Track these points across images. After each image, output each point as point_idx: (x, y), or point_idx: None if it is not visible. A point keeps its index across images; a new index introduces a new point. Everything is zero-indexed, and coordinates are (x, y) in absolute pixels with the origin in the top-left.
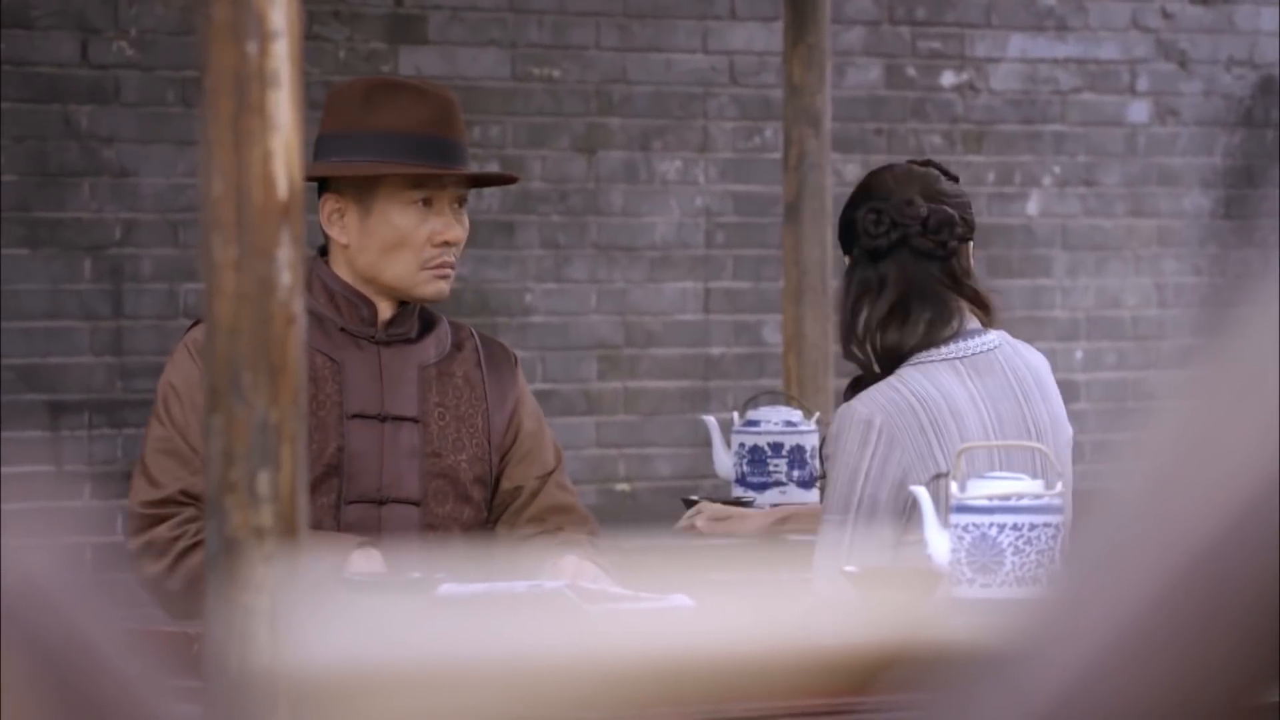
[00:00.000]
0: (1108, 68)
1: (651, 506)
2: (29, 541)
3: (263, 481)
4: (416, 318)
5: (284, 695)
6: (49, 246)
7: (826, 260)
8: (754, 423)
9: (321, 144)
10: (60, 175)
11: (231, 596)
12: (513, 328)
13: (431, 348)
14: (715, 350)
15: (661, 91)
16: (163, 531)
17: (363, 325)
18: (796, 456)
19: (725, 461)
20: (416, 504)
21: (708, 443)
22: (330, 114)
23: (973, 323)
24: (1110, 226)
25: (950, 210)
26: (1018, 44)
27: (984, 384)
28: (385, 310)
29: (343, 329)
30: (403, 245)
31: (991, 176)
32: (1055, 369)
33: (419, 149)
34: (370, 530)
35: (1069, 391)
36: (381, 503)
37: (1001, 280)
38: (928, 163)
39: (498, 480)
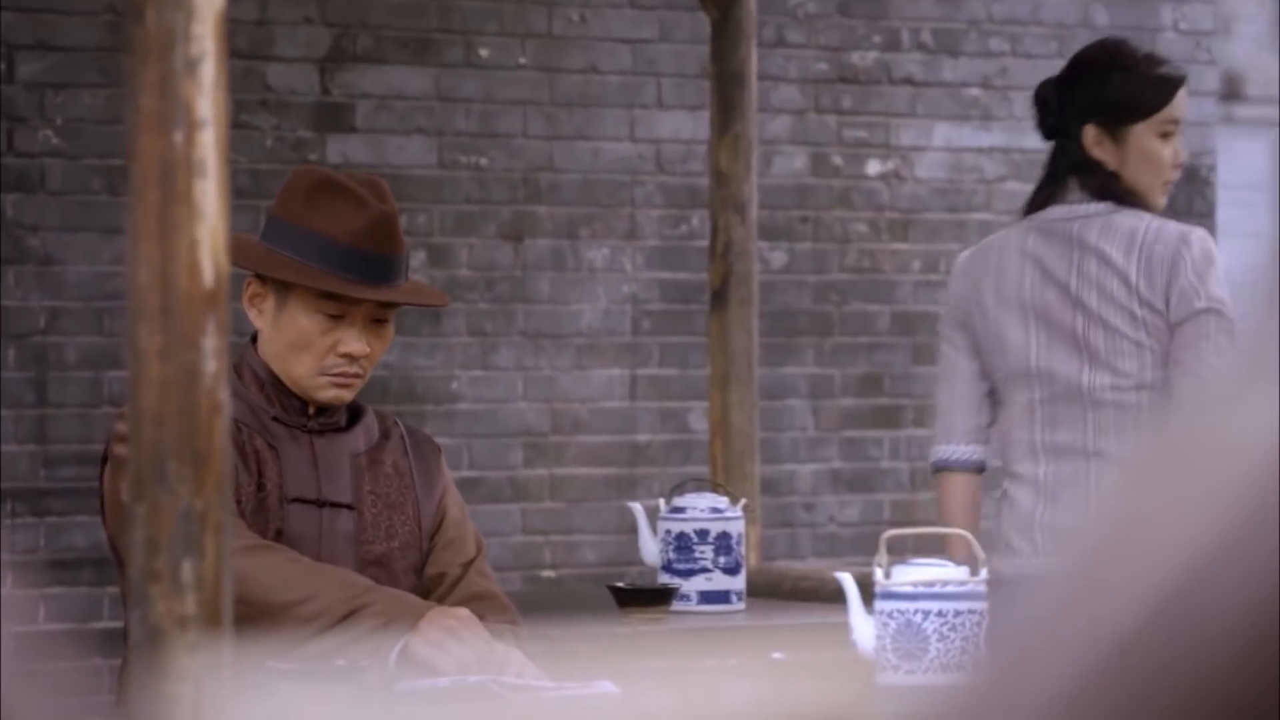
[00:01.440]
0: (1032, 157)
1: (577, 593)
2: None
3: (187, 570)
4: (344, 408)
5: None
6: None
7: (753, 347)
8: (680, 509)
9: (266, 224)
10: None
11: (155, 686)
12: (439, 415)
13: (361, 437)
14: (641, 437)
15: (589, 179)
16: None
17: (293, 414)
18: (722, 543)
19: (651, 548)
20: None
21: (634, 529)
22: (280, 197)
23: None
24: None
25: None
26: (943, 133)
27: (1045, 247)
28: (313, 403)
29: (275, 419)
30: (305, 348)
31: (917, 265)
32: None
33: (345, 261)
34: None
35: (993, 479)
36: None
37: (926, 367)
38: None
39: (424, 566)
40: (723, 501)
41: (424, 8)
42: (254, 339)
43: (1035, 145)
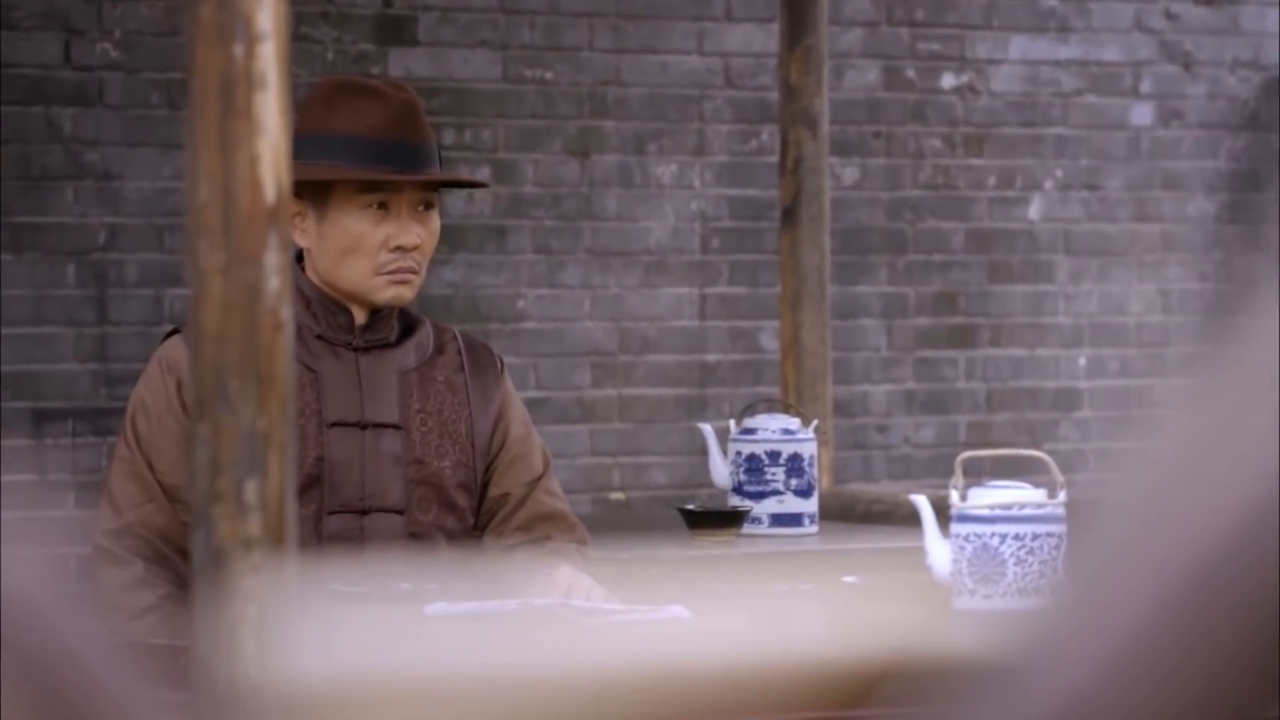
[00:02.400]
0: (1110, 70)
1: (647, 516)
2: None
3: (250, 490)
4: (395, 321)
5: (273, 708)
6: (32, 251)
7: (824, 265)
8: (751, 431)
9: (293, 142)
10: (43, 179)
11: (219, 607)
12: (505, 334)
13: (412, 352)
14: (711, 357)
15: (656, 94)
16: (111, 581)
17: (339, 332)
18: (794, 465)
19: (722, 470)
20: (400, 512)
21: (704, 451)
22: (299, 115)
23: None
24: (1113, 231)
25: None
26: (1019, 45)
27: None
28: (361, 315)
29: (319, 336)
30: (356, 250)
31: (992, 180)
32: (1058, 376)
33: (375, 153)
34: (353, 541)
35: (1072, 400)
36: (364, 512)
37: (1003, 286)
38: None
39: (484, 487)
40: (794, 423)
41: None
42: (298, 257)
43: (1114, 57)
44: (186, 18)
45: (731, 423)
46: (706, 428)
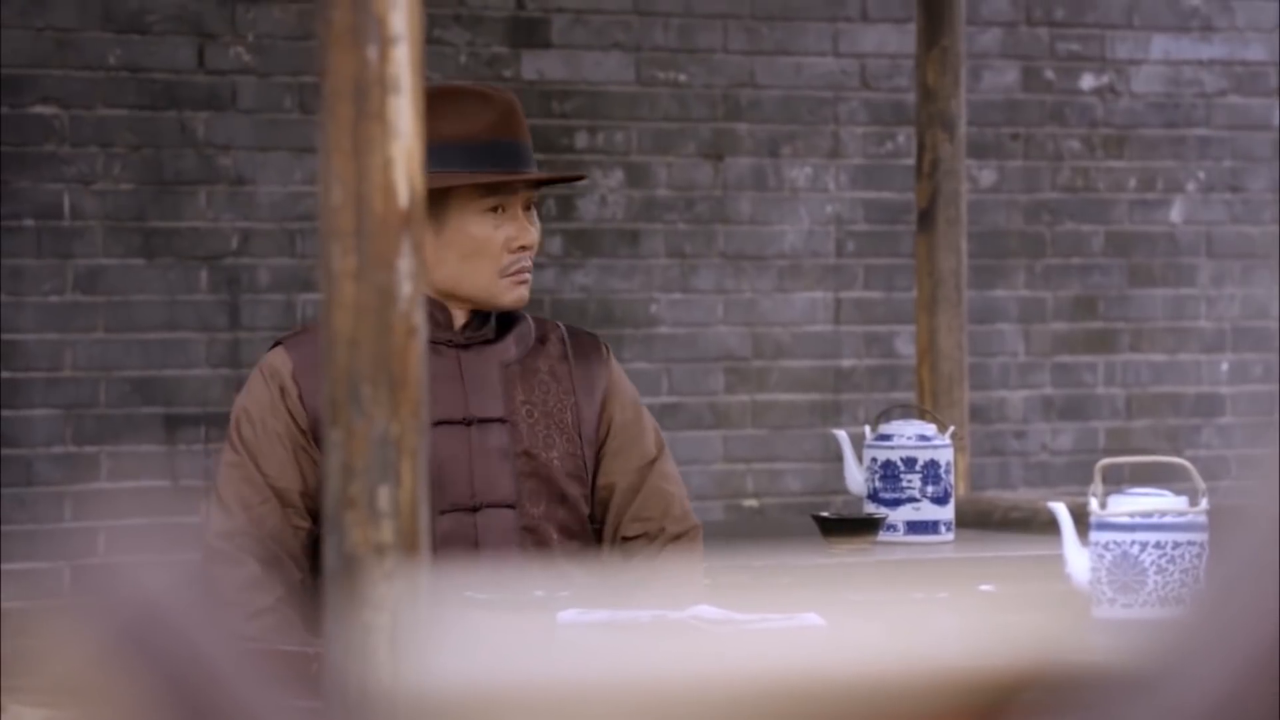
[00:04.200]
0: (1255, 69)
1: (781, 523)
2: (147, 558)
3: (383, 497)
4: (494, 318)
5: (405, 715)
6: (165, 256)
7: (961, 269)
8: (886, 437)
9: None
10: (176, 184)
11: (351, 614)
12: (638, 339)
13: (513, 345)
14: (846, 362)
15: (791, 96)
16: (227, 580)
17: (440, 330)
18: (930, 472)
19: (857, 477)
20: (511, 506)
21: (839, 458)
22: None
23: None
24: (1257, 234)
25: None
26: (1160, 45)
27: None
28: (461, 316)
29: None
30: (480, 254)
31: (1133, 182)
32: (1199, 381)
33: (485, 156)
34: (466, 539)
35: (1214, 405)
36: (475, 509)
37: (1143, 290)
38: None
39: (594, 476)
40: (930, 429)
41: None
42: None
43: (1259, 57)
44: (319, 21)
45: (867, 428)
46: (841, 434)
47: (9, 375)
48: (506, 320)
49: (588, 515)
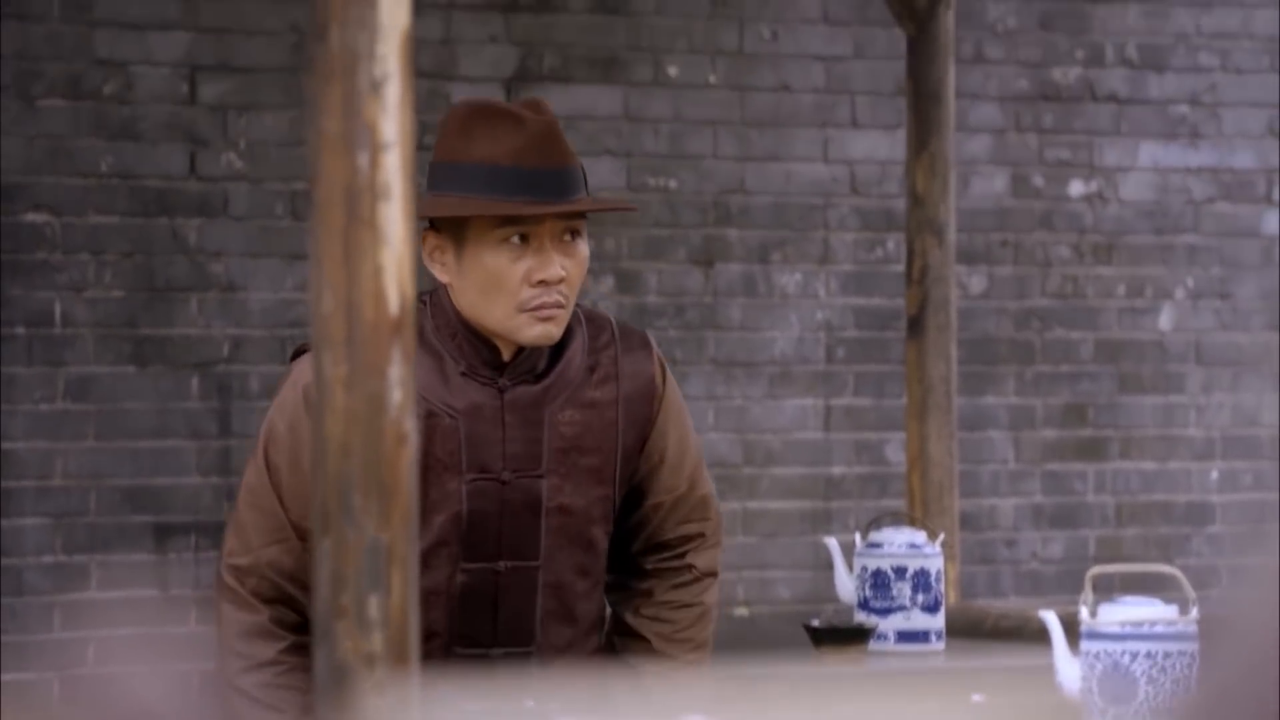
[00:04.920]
0: (1243, 177)
1: (772, 631)
2: (138, 669)
3: (373, 606)
4: (546, 349)
5: None
6: (156, 363)
7: (951, 376)
8: (877, 545)
9: (430, 172)
10: (168, 290)
11: None
12: None
13: (560, 381)
14: (836, 470)
15: (781, 202)
16: (233, 624)
17: (484, 369)
18: (920, 580)
19: (847, 585)
20: (536, 565)
21: (829, 565)
22: (438, 141)
23: None
24: (1246, 341)
25: None
26: (1149, 152)
27: None
28: (508, 351)
29: (463, 373)
30: (497, 288)
31: (1122, 289)
32: (1189, 490)
33: (513, 183)
34: (486, 596)
35: (1204, 514)
36: (499, 571)
37: (1133, 397)
38: None
39: (639, 494)
40: (921, 537)
41: (611, 25)
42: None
43: (1246, 164)
44: (311, 128)
45: (857, 536)
46: (832, 542)
47: None
48: (556, 349)
49: (606, 548)
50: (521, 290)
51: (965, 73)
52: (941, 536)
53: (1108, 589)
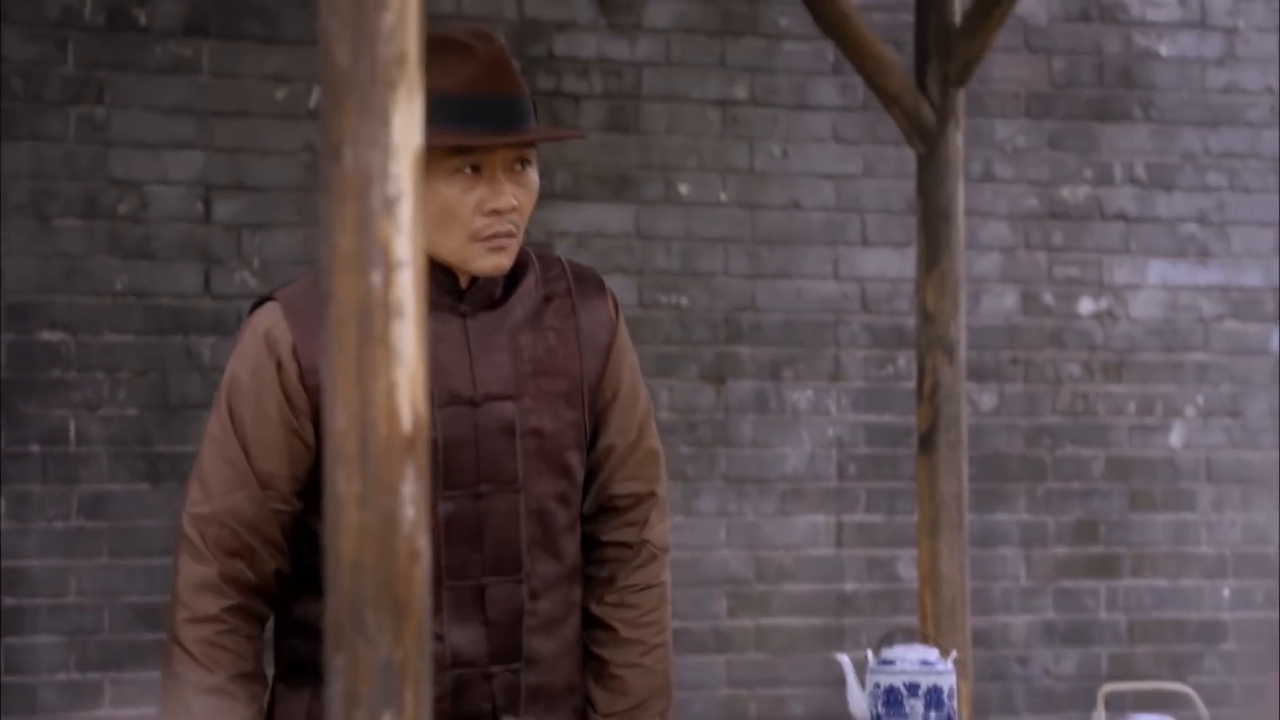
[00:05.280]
0: (1252, 295)
1: None
2: None
3: None
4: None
5: None
6: (170, 481)
7: (963, 493)
8: (889, 662)
9: None
10: (182, 407)
11: None
12: None
13: (519, 306)
14: (848, 586)
15: (792, 319)
16: (187, 574)
17: (445, 296)
18: (933, 697)
19: (860, 702)
20: (517, 490)
21: (842, 682)
22: None
23: None
24: (1257, 459)
25: None
26: (1158, 270)
27: None
28: (465, 278)
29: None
30: (450, 218)
31: (1132, 407)
32: (1201, 607)
33: (463, 113)
34: (470, 523)
35: (1216, 631)
36: (480, 495)
37: (1144, 515)
38: None
39: (593, 436)
40: (933, 653)
41: (623, 144)
42: None
43: (1255, 282)
44: (323, 246)
45: (869, 653)
46: (844, 658)
47: (12, 602)
48: (514, 273)
49: (581, 480)
50: (474, 219)
51: (975, 191)
52: (954, 653)
53: (1120, 707)
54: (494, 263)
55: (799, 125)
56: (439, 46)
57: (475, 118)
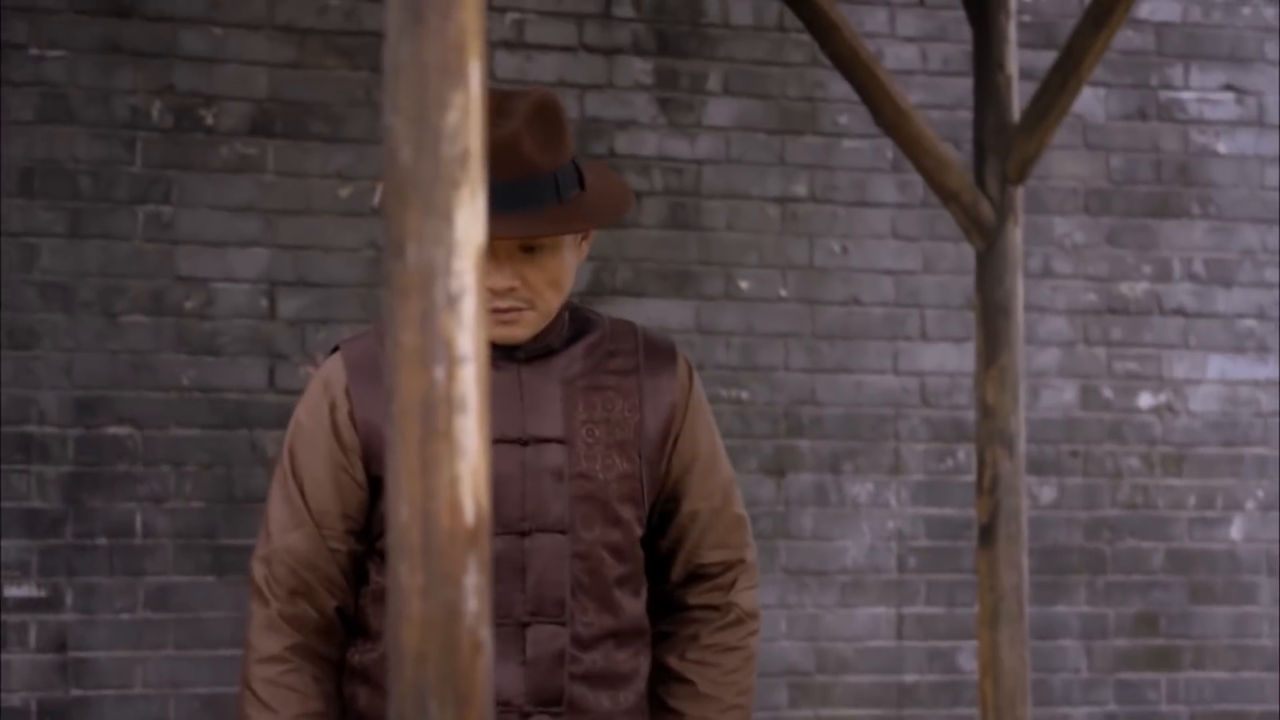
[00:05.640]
0: None
1: None
2: None
3: None
4: (565, 327)
5: None
6: (234, 573)
7: (1022, 585)
8: None
9: None
10: (246, 501)
11: None
12: None
13: (580, 358)
14: (909, 677)
15: (852, 412)
16: (253, 617)
17: (500, 347)
18: None
19: None
20: (563, 532)
21: None
22: None
23: None
24: None
25: None
26: (1217, 365)
27: None
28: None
29: None
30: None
31: (1192, 500)
32: (1262, 700)
33: None
34: (514, 564)
35: None
36: (525, 534)
37: (1205, 607)
38: None
39: (666, 499)
40: None
41: (683, 240)
42: None
43: None
44: (388, 342)
45: None
46: None
47: (79, 693)
48: (579, 328)
49: (639, 538)
50: (488, 293)
51: (1034, 286)
52: None
53: None
54: (501, 334)
55: (859, 221)
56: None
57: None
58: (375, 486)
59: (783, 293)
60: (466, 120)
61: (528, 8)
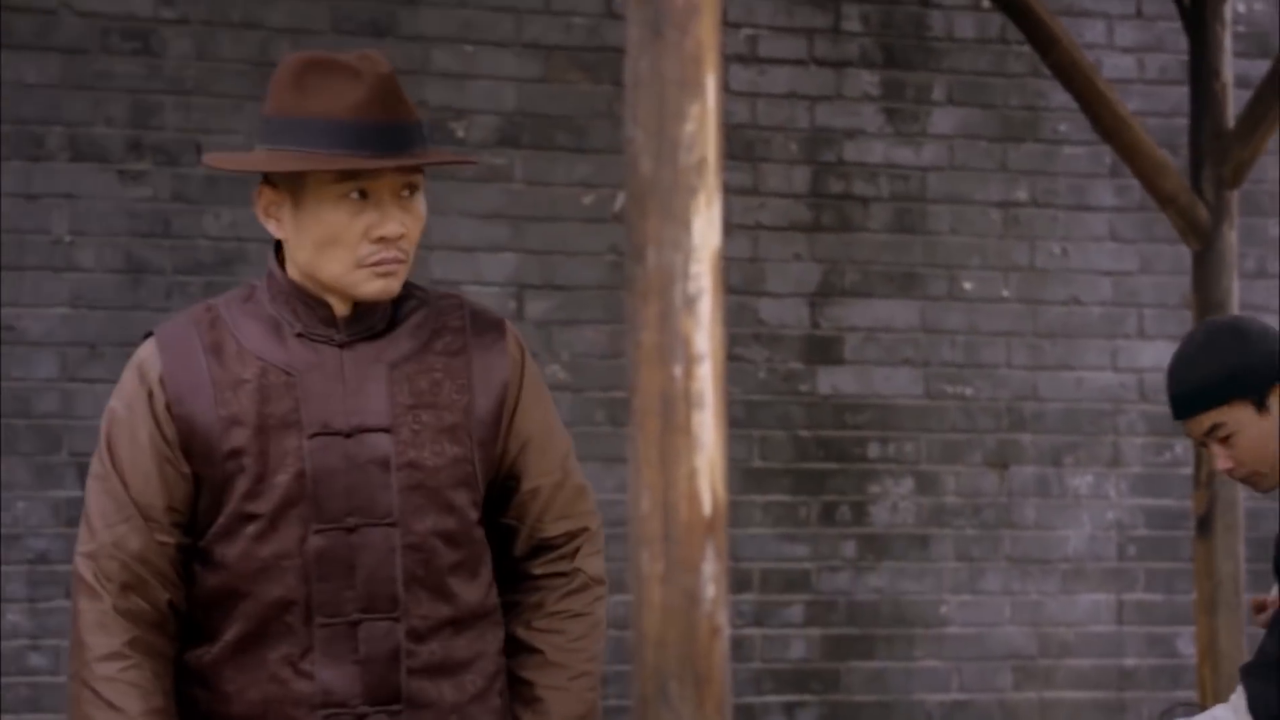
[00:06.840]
0: None
1: None
2: None
3: None
4: (387, 307)
5: None
6: None
7: (1239, 574)
8: None
9: (263, 127)
10: None
11: None
12: (928, 638)
13: (404, 339)
14: (1129, 661)
15: (1072, 409)
16: (83, 614)
17: (319, 327)
18: None
19: None
20: (393, 524)
21: None
22: (270, 95)
23: None
24: None
25: None
26: None
27: None
28: (342, 308)
29: (299, 335)
30: (335, 242)
31: None
32: None
33: (352, 137)
34: (342, 560)
35: None
36: (351, 529)
37: None
38: None
39: (514, 479)
40: None
41: (909, 244)
42: (277, 251)
43: None
44: (629, 341)
45: None
46: None
47: None
48: (403, 306)
49: (476, 520)
50: (360, 245)
51: (1249, 287)
52: None
53: None
54: (380, 287)
55: (1078, 225)
56: (325, 69)
57: (365, 142)
58: (196, 480)
59: (1005, 293)
60: (703, 131)
61: (760, 23)
